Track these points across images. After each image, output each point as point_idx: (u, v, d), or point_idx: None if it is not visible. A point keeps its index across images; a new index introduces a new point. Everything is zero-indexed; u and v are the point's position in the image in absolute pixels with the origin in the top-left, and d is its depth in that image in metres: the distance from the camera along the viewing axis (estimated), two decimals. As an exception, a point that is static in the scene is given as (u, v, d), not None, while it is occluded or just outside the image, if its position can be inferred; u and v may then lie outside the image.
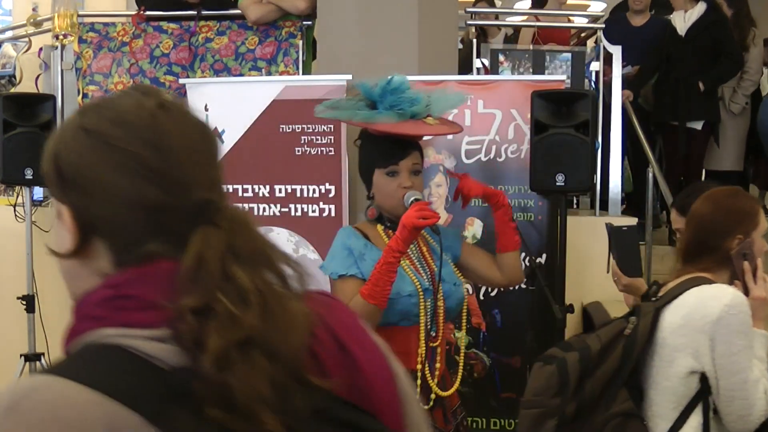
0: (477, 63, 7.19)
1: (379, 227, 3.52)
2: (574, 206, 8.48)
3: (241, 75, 6.41)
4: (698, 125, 8.19)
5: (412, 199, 3.36)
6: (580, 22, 9.23)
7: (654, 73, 8.42)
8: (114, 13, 8.02)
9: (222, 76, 6.43)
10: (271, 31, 6.47)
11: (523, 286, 5.61)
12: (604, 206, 6.83)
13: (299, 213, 5.80)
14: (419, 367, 3.41)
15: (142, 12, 6.65)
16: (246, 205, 5.87)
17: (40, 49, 7.39)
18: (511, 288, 5.68)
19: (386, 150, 3.44)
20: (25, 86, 7.34)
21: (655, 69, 8.38)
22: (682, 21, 8.08)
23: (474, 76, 6.85)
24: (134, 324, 1.33)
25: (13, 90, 7.66)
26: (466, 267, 3.75)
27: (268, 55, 6.45)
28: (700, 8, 8.07)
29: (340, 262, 3.39)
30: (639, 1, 8.40)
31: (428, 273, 3.53)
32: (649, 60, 8.26)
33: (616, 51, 6.94)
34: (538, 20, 8.74)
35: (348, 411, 1.43)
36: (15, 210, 6.54)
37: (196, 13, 6.56)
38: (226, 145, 5.88)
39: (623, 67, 7.13)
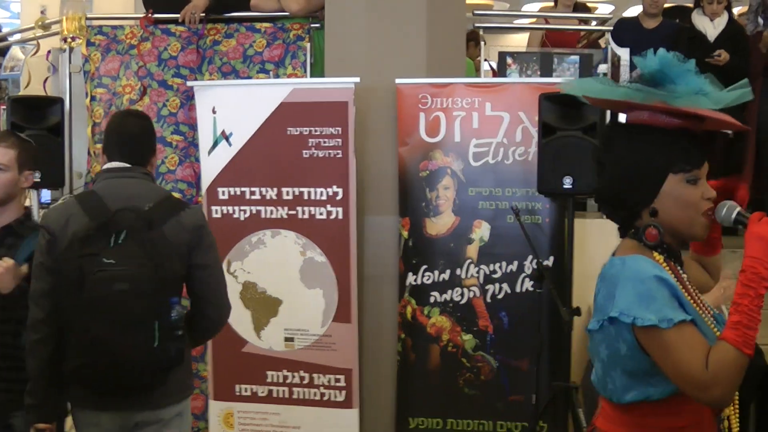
0: (485, 65, 7.19)
1: (658, 256, 2.65)
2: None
3: (249, 78, 6.41)
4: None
5: (737, 211, 2.64)
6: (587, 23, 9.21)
7: None
8: (122, 16, 8.03)
9: (230, 78, 6.43)
10: (278, 33, 6.48)
11: (531, 288, 5.61)
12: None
13: (306, 215, 5.81)
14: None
15: (150, 15, 6.65)
16: (253, 208, 5.87)
17: (48, 51, 7.39)
18: (518, 291, 5.72)
19: (688, 150, 2.62)
20: (34, 89, 7.34)
21: None
22: (712, 27, 8.03)
23: (482, 79, 6.85)
24: None
25: (21, 93, 7.67)
26: None
27: (276, 58, 6.45)
28: (726, 16, 8.06)
29: (666, 304, 2.52)
30: (655, 5, 8.37)
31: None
32: None
33: (624, 53, 6.92)
34: (547, 23, 8.73)
35: None
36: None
37: (204, 15, 6.56)
38: (234, 147, 5.90)
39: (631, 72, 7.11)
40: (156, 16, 6.68)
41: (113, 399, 3.79)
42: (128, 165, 3.92)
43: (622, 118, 2.78)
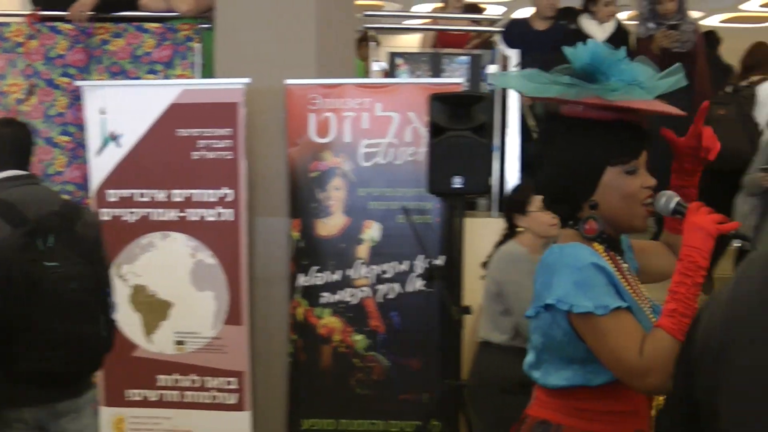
0: (375, 66, 7.21)
1: (598, 246, 2.66)
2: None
3: (137, 78, 6.34)
4: None
5: (675, 201, 2.66)
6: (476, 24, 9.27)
7: None
8: (8, 13, 7.85)
9: (118, 78, 6.35)
10: (168, 34, 6.41)
11: (422, 288, 5.64)
12: (502, 208, 6.88)
13: (197, 217, 5.77)
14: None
15: (37, 12, 6.54)
16: (143, 210, 5.81)
17: (-68, 50, 7.23)
18: (409, 290, 5.75)
19: (625, 141, 2.63)
20: None
21: None
22: (601, 31, 8.12)
23: (372, 79, 6.88)
24: None
25: None
26: (647, 272, 2.93)
27: (165, 59, 6.39)
28: (614, 21, 8.16)
29: (603, 291, 2.52)
30: (551, 8, 8.44)
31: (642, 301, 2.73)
32: (554, 66, 8.29)
33: (514, 54, 7.00)
34: (437, 23, 8.78)
35: None
36: None
37: (92, 13, 6.46)
38: (123, 149, 5.84)
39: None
40: (43, 13, 6.56)
41: (40, 392, 3.88)
42: (26, 173, 4.09)
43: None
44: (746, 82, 8.13)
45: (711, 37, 10.41)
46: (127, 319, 5.85)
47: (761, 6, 16.67)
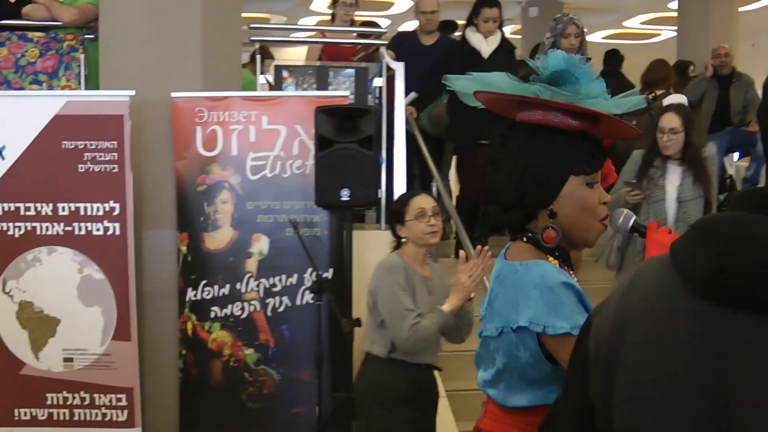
0: (261, 79, 7.20)
1: (553, 260, 2.61)
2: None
3: (21, 89, 6.25)
4: None
5: (633, 219, 2.76)
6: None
7: (441, 92, 8.50)
8: None
9: (1, 89, 6.25)
10: (52, 44, 6.33)
11: (311, 300, 5.65)
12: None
13: (83, 232, 5.68)
14: None
15: None
16: (28, 224, 5.72)
17: None
18: (299, 303, 5.76)
19: (591, 153, 2.61)
20: None
21: (442, 87, 8.48)
22: (486, 45, 8.21)
23: (258, 92, 6.87)
24: None
25: None
26: None
27: (49, 69, 6.31)
28: (498, 35, 8.26)
29: (575, 310, 2.48)
30: (431, 23, 8.54)
31: None
32: (437, 78, 8.34)
33: (399, 67, 7.04)
34: (324, 36, 8.80)
35: None
36: None
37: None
38: (7, 161, 5.72)
39: (407, 94, 7.22)
40: (-77, 22, 6.45)
41: None
42: None
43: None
44: (651, 96, 8.38)
45: (614, 55, 10.72)
46: (13, 337, 5.75)
47: (642, 23, 17.13)
